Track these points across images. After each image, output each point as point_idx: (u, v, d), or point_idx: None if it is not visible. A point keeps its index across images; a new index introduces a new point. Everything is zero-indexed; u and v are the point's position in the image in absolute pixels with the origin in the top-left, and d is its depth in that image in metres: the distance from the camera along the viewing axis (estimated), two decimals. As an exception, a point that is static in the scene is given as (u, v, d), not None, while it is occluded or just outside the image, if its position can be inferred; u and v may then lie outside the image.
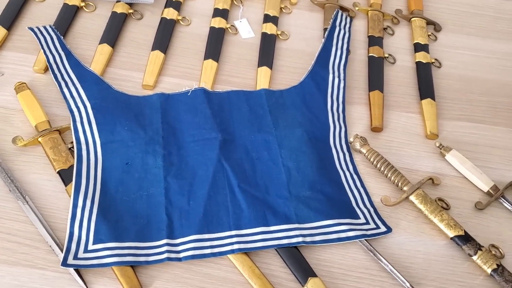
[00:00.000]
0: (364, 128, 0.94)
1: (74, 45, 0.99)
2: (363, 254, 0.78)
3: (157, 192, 0.79)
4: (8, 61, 0.95)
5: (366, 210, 0.83)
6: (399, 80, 1.03)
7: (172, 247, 0.74)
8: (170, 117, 0.88)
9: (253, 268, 0.74)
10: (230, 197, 0.80)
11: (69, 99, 0.88)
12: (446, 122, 0.97)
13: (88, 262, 0.71)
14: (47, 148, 0.82)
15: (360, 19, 1.14)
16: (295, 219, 0.79)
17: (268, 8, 1.10)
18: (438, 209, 0.82)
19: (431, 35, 1.12)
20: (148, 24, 1.05)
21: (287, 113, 0.92)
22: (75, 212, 0.75)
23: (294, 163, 0.85)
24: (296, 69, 1.01)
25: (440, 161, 0.91)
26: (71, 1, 1.04)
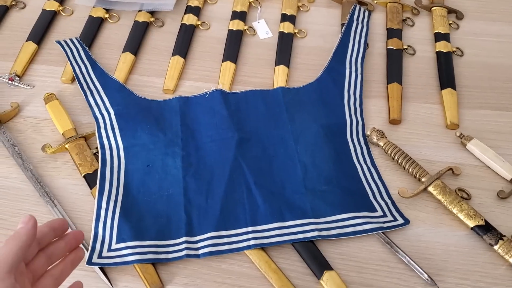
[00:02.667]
0: (383, 121, 0.94)
1: (99, 55, 1.03)
2: (380, 247, 0.78)
3: (177, 192, 0.82)
4: (39, 74, 1.00)
5: (383, 202, 0.82)
6: (419, 71, 1.02)
7: (191, 244, 0.77)
8: (189, 119, 0.91)
9: (270, 263, 0.76)
10: (246, 194, 0.82)
11: (94, 107, 0.92)
12: (467, 111, 0.95)
13: (111, 261, 0.75)
14: (74, 154, 0.87)
15: (379, 12, 1.13)
16: (311, 214, 0.80)
17: (285, 7, 1.11)
18: (458, 199, 0.81)
19: (453, 23, 1.09)
20: (169, 31, 1.09)
21: (303, 110, 0.93)
22: (99, 213, 0.80)
23: (310, 159, 0.86)
24: (314, 66, 1.02)
25: (461, 151, 0.89)
26: (96, 14, 1.09)
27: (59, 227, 0.56)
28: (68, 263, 0.57)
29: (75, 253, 0.58)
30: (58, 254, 0.56)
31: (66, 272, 0.56)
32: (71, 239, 0.57)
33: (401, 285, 0.74)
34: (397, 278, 0.75)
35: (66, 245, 0.57)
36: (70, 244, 0.57)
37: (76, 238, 0.58)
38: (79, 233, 0.59)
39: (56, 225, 0.56)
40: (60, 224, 0.57)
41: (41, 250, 0.54)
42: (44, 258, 0.54)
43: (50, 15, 1.09)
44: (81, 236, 0.59)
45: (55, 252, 0.55)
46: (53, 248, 0.55)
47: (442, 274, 0.75)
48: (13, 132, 0.91)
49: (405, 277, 0.75)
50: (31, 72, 1.01)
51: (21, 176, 0.85)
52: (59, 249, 0.56)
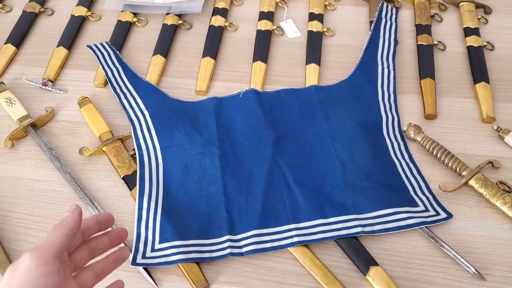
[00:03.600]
0: (418, 116, 0.94)
1: (130, 58, 1.04)
2: (424, 241, 0.78)
3: (216, 191, 0.82)
4: (71, 79, 1.01)
5: (424, 197, 0.82)
6: (450, 66, 1.02)
7: (234, 243, 0.77)
8: (224, 119, 0.91)
9: (314, 259, 0.75)
10: (286, 192, 0.81)
11: (129, 109, 0.93)
12: (502, 105, 0.94)
13: (155, 261, 0.75)
14: (111, 156, 0.87)
15: (406, 9, 1.13)
16: (352, 210, 0.79)
17: (312, 6, 1.11)
18: (500, 192, 0.80)
19: (481, 18, 1.09)
20: (197, 33, 1.09)
21: (338, 107, 0.93)
22: (140, 214, 0.80)
23: (348, 155, 0.86)
24: (344, 64, 1.02)
25: (499, 144, 0.89)
26: (124, 18, 1.10)
27: (104, 221, 0.56)
28: (111, 260, 0.57)
29: (120, 252, 0.58)
30: (101, 249, 0.56)
31: (108, 269, 0.56)
32: (114, 236, 0.58)
33: (448, 279, 0.74)
34: (443, 273, 0.74)
35: (110, 242, 0.57)
36: (114, 240, 0.57)
37: (120, 236, 0.58)
38: (123, 231, 0.58)
39: (101, 219, 0.56)
40: (106, 219, 0.57)
41: (84, 243, 0.55)
42: (87, 251, 0.55)
43: (79, 20, 1.10)
44: (124, 234, 0.58)
45: (98, 247, 0.56)
46: (97, 242, 0.56)
47: (488, 267, 0.75)
48: (49, 136, 0.91)
49: (451, 271, 0.74)
50: (63, 77, 1.01)
51: (60, 179, 0.85)
52: (102, 244, 0.56)
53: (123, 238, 0.58)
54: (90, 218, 0.55)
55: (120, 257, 0.58)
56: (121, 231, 0.58)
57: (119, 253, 0.58)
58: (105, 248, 0.57)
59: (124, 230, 0.58)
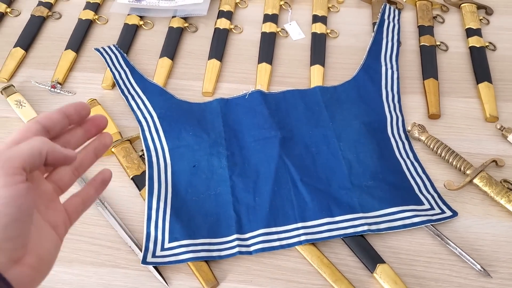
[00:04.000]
0: (421, 116, 0.95)
1: (137, 61, 1.05)
2: (430, 239, 0.79)
3: (224, 191, 0.83)
4: (79, 81, 1.02)
5: (429, 196, 0.83)
6: (453, 67, 1.03)
7: (242, 242, 0.78)
8: (231, 120, 0.93)
9: (322, 257, 0.76)
10: (293, 191, 0.83)
11: (137, 111, 0.94)
12: (505, 104, 0.95)
13: (165, 260, 0.76)
14: (120, 157, 0.88)
15: (409, 10, 1.15)
16: (359, 209, 0.80)
17: (316, 9, 1.13)
18: (504, 190, 0.81)
19: (483, 19, 1.10)
20: (203, 36, 1.11)
21: (343, 107, 0.94)
22: (150, 214, 0.81)
23: (354, 155, 0.87)
24: (348, 65, 1.03)
25: (503, 143, 0.90)
26: (131, 21, 1.11)
27: (75, 113, 0.46)
28: (90, 150, 0.48)
29: (98, 139, 0.49)
30: (75, 143, 0.47)
31: (87, 162, 0.48)
32: (90, 125, 0.48)
33: (454, 276, 0.75)
34: (449, 270, 0.75)
35: (85, 133, 0.48)
36: (90, 131, 0.48)
37: (96, 124, 0.48)
38: (101, 118, 0.48)
39: (71, 111, 0.45)
40: (77, 109, 0.46)
41: (53, 139, 0.45)
42: None
43: (86, 24, 1.11)
44: (103, 121, 0.48)
45: (70, 141, 0.47)
46: (68, 136, 0.47)
47: (494, 264, 0.76)
48: (58, 138, 0.93)
49: (458, 269, 0.75)
50: (71, 79, 1.03)
51: (70, 180, 0.86)
52: (75, 137, 0.47)
53: (101, 125, 0.48)
54: (55, 111, 0.45)
55: (100, 146, 0.49)
56: (98, 118, 0.48)
57: (98, 141, 0.49)
58: (80, 141, 0.48)
59: (101, 116, 0.48)
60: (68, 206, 0.46)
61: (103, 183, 0.50)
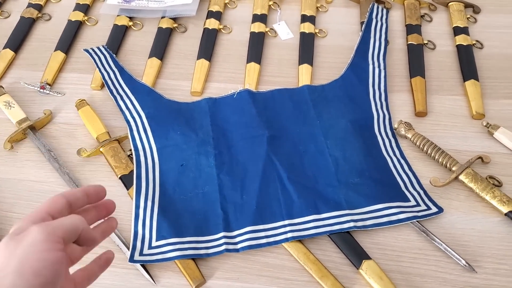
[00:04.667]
0: (409, 114, 0.95)
1: (126, 61, 1.06)
2: (416, 236, 0.79)
3: (212, 189, 0.84)
4: (68, 82, 1.03)
5: (416, 192, 0.84)
6: (440, 65, 1.04)
7: (229, 239, 0.78)
8: (219, 119, 0.93)
9: (308, 254, 0.77)
10: (280, 189, 0.83)
11: (125, 111, 0.94)
12: (492, 102, 0.96)
13: (153, 258, 0.77)
14: (109, 157, 0.88)
15: (397, 9, 1.16)
16: (345, 206, 0.81)
17: (304, 8, 1.14)
18: (490, 186, 0.82)
19: (470, 17, 1.11)
20: (192, 36, 1.11)
21: (330, 106, 0.94)
22: (137, 212, 0.81)
23: (341, 153, 0.88)
24: (336, 64, 1.04)
25: (489, 140, 0.91)
26: (120, 22, 1.12)
27: (94, 194, 0.53)
28: (98, 231, 0.53)
29: (106, 222, 0.55)
30: (88, 221, 0.53)
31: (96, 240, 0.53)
32: (102, 208, 0.54)
33: (439, 271, 0.75)
34: (434, 266, 0.76)
35: (97, 214, 0.54)
36: (101, 212, 0.54)
37: (107, 207, 0.55)
38: (110, 202, 0.55)
39: (91, 191, 0.53)
40: (96, 191, 0.53)
41: None
42: None
43: (76, 25, 1.12)
44: (111, 206, 0.55)
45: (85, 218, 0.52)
46: (84, 214, 0.52)
47: (479, 260, 0.76)
48: (47, 138, 0.93)
49: (443, 264, 0.76)
50: (60, 80, 1.03)
51: (59, 180, 0.87)
52: (89, 216, 0.53)
53: (110, 209, 0.55)
54: (79, 189, 0.52)
55: (107, 228, 0.55)
56: (108, 203, 0.55)
57: (106, 224, 0.55)
58: (92, 220, 0.54)
59: (111, 202, 0.55)
60: (76, 278, 0.51)
61: (107, 262, 0.55)
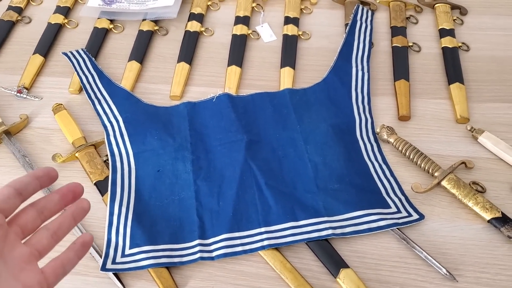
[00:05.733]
0: (392, 118, 0.93)
1: (106, 64, 1.04)
2: (396, 243, 0.77)
3: (188, 195, 0.82)
4: (46, 86, 1.01)
5: (397, 199, 0.82)
6: (425, 68, 1.01)
7: (204, 247, 0.76)
8: (197, 123, 0.91)
9: (284, 262, 0.75)
10: (258, 195, 0.81)
11: (102, 115, 0.93)
12: (477, 105, 0.94)
13: (125, 266, 0.75)
14: (84, 162, 0.86)
15: (382, 11, 1.14)
16: (324, 212, 0.79)
17: (288, 10, 1.12)
18: (472, 192, 0.80)
19: (457, 19, 1.09)
20: (174, 39, 1.09)
21: (311, 110, 0.92)
22: (111, 219, 0.79)
23: (321, 158, 0.86)
24: (320, 67, 1.02)
25: (473, 144, 0.88)
26: (101, 25, 1.10)
27: (44, 175, 0.49)
28: (68, 216, 0.51)
29: (76, 204, 0.52)
30: (52, 208, 0.50)
31: (66, 226, 0.51)
32: (66, 192, 0.51)
33: (419, 280, 0.73)
34: (414, 274, 0.74)
35: (61, 198, 0.50)
36: (66, 197, 0.51)
37: (73, 191, 0.51)
38: (76, 185, 0.52)
39: (40, 174, 0.49)
40: (45, 172, 0.49)
41: (30, 205, 0.49)
42: (34, 213, 0.49)
43: (55, 28, 1.10)
44: (78, 189, 0.52)
45: (47, 206, 0.49)
46: (45, 201, 0.50)
47: (460, 268, 0.74)
48: (23, 143, 0.91)
49: (423, 273, 0.74)
50: (38, 84, 1.01)
51: (32, 186, 0.85)
52: (52, 202, 0.50)
53: (77, 192, 0.52)
54: (25, 175, 0.48)
55: (78, 210, 0.51)
56: (74, 185, 0.51)
57: (76, 206, 0.52)
58: (57, 207, 0.50)
59: (77, 184, 0.52)
60: (47, 269, 0.48)
61: (84, 246, 0.52)
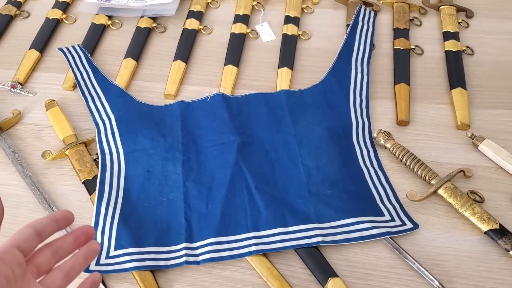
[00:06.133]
0: (390, 122, 0.91)
1: (102, 61, 1.02)
2: (388, 253, 0.75)
3: (177, 197, 0.80)
4: (41, 81, 1.00)
5: (391, 206, 0.79)
6: (427, 71, 0.98)
7: (190, 251, 0.74)
8: (190, 124, 0.89)
9: (272, 269, 0.73)
10: (248, 199, 0.79)
11: (95, 113, 0.91)
12: (479, 111, 0.91)
13: (109, 268, 0.73)
14: (73, 160, 0.85)
15: (386, 12, 1.11)
16: (315, 219, 0.77)
17: (289, 9, 1.09)
18: (470, 202, 0.77)
19: (462, 22, 1.06)
20: (171, 36, 1.07)
21: (307, 112, 0.90)
22: (97, 220, 0.78)
23: (314, 162, 0.83)
24: (318, 68, 0.99)
25: (473, 152, 0.86)
26: (99, 21, 1.09)
27: (62, 218, 0.52)
28: (80, 257, 0.53)
29: (88, 246, 0.54)
30: (66, 249, 0.52)
31: (78, 267, 0.53)
32: (79, 234, 0.53)
33: (410, 292, 0.71)
34: (406, 286, 0.71)
35: (75, 240, 0.53)
36: (79, 239, 0.53)
37: (86, 233, 0.54)
38: (89, 228, 0.54)
39: (58, 216, 0.52)
40: (63, 215, 0.53)
41: (47, 246, 0.51)
42: (50, 253, 0.51)
43: (53, 23, 1.09)
44: (90, 231, 0.54)
45: (62, 247, 0.52)
46: (60, 242, 0.52)
47: (454, 281, 0.71)
48: (14, 139, 0.90)
49: (415, 284, 0.71)
50: (33, 79, 1.00)
51: (21, 183, 0.84)
52: (66, 243, 0.52)
53: (89, 235, 0.54)
54: (45, 217, 0.52)
55: (90, 252, 0.54)
56: (86, 228, 0.54)
57: (88, 248, 0.54)
58: (71, 248, 0.53)
59: (90, 227, 0.54)
60: None
61: (93, 285, 0.54)
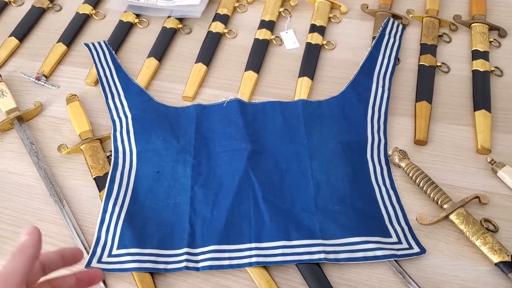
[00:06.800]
0: (408, 141, 0.88)
1: (125, 59, 1.04)
2: (391, 276, 0.73)
3: (183, 201, 0.80)
4: (65, 75, 1.02)
5: (399, 228, 0.77)
6: (451, 90, 0.95)
7: (191, 256, 0.74)
8: (204, 127, 0.89)
9: (271, 282, 0.72)
10: (253, 209, 0.78)
11: (113, 110, 0.92)
12: (502, 136, 0.87)
13: (110, 266, 0.74)
14: (87, 156, 0.86)
15: (414, 26, 1.07)
16: (319, 235, 0.75)
17: (315, 18, 1.08)
18: (482, 230, 0.74)
19: (494, 41, 1.02)
20: (196, 38, 1.08)
21: (322, 124, 0.88)
22: (104, 217, 0.79)
23: (325, 176, 0.82)
24: (340, 80, 0.97)
25: (491, 178, 0.82)
26: (126, 18, 1.10)
27: (70, 256, 0.51)
28: None
29: None
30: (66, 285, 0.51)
31: None
32: (84, 278, 0.52)
33: (411, 319, 0.69)
34: (406, 312, 0.70)
35: (78, 282, 0.52)
36: (82, 281, 0.52)
37: (90, 276, 0.53)
38: (96, 273, 0.54)
39: (67, 254, 0.51)
40: (72, 254, 0.52)
41: (47, 281, 0.50)
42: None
43: (82, 18, 1.11)
44: (97, 275, 0.53)
45: (62, 286, 0.51)
46: (61, 281, 0.51)
47: (458, 311, 0.69)
48: (33, 130, 0.92)
49: (416, 311, 0.69)
50: (58, 72, 1.02)
51: (35, 174, 0.86)
52: (67, 283, 0.51)
53: (94, 279, 0.53)
54: (53, 251, 0.51)
55: None
56: (94, 273, 0.54)
57: None
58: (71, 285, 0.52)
59: (96, 272, 0.54)
60: None
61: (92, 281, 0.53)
